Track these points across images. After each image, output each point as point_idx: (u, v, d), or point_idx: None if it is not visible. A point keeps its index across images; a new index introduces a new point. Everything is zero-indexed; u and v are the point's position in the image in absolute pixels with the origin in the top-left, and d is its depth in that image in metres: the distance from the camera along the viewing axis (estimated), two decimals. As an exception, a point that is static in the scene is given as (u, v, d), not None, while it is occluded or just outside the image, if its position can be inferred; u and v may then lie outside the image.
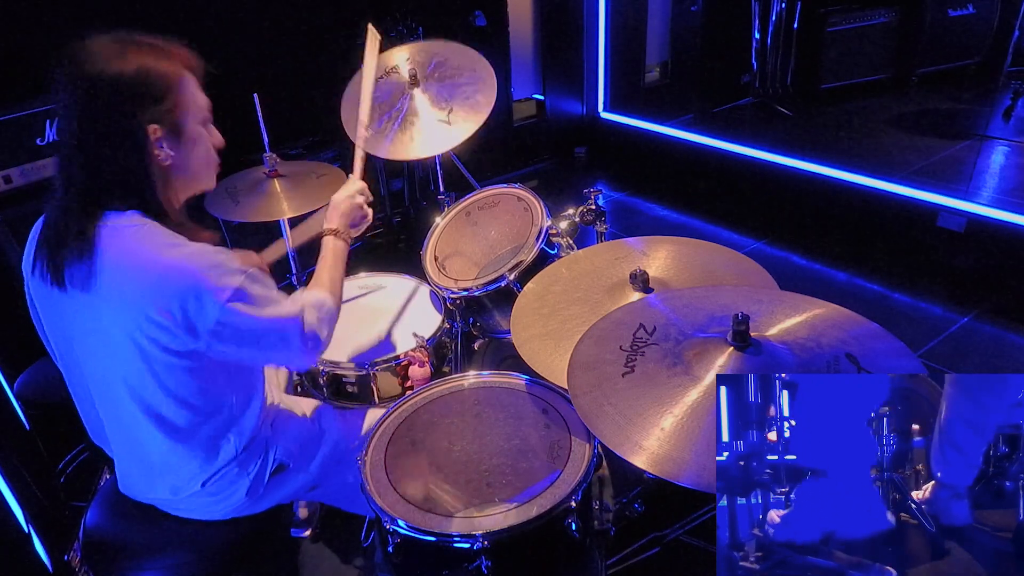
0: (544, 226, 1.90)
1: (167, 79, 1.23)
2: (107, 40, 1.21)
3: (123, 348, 1.24)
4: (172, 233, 1.26)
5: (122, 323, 1.22)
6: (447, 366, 2.06)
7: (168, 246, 1.23)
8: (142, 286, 1.20)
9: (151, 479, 1.44)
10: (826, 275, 3.50)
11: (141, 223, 1.24)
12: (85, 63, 1.18)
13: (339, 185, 2.28)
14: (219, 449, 1.42)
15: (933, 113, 4.85)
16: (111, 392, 1.33)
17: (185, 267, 1.21)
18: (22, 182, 2.43)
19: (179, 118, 1.26)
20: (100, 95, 1.18)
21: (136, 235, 1.23)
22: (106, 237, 1.23)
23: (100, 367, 1.32)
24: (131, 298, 1.20)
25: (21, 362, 2.07)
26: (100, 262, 1.22)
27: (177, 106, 1.25)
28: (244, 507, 1.48)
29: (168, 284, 1.20)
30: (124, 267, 1.22)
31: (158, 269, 1.21)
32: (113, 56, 1.18)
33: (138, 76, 1.19)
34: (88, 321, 1.27)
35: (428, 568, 1.36)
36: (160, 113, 1.23)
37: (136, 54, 1.20)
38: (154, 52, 1.23)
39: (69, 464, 2.38)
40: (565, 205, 2.06)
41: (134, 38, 1.23)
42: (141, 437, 1.36)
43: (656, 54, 5.15)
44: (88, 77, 1.18)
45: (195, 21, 3.22)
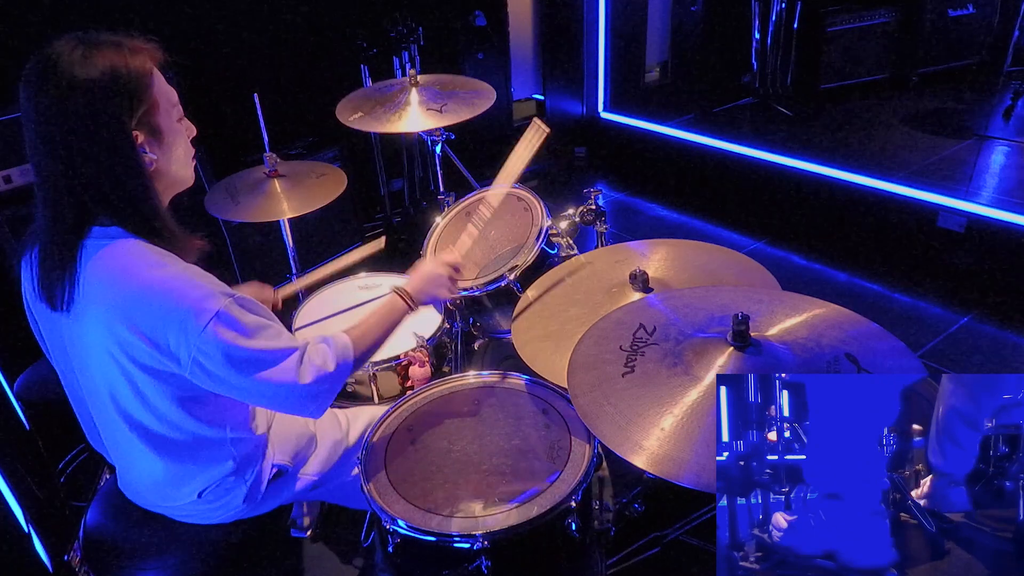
0: (544, 226, 1.90)
1: (139, 76, 1.15)
2: (68, 43, 1.12)
3: (105, 364, 1.21)
4: (159, 251, 1.20)
5: (102, 340, 1.18)
6: (447, 366, 2.06)
7: (151, 265, 1.17)
8: (121, 304, 1.15)
9: (146, 489, 1.43)
10: (826, 275, 3.50)
11: (125, 241, 1.19)
12: (52, 69, 1.10)
13: (338, 185, 2.28)
14: (213, 463, 1.38)
15: (933, 113, 4.84)
16: (101, 405, 1.31)
17: (165, 287, 1.16)
18: (22, 182, 2.43)
19: (157, 118, 1.19)
20: (73, 102, 1.10)
21: (120, 253, 1.18)
22: (91, 256, 1.18)
23: (90, 380, 1.30)
24: (110, 315, 1.16)
25: (21, 362, 2.07)
26: (83, 280, 1.18)
27: (153, 106, 1.18)
28: (243, 512, 1.48)
29: (146, 304, 1.15)
30: (106, 284, 1.17)
31: (138, 288, 1.16)
32: (80, 60, 1.10)
33: (109, 78, 1.11)
34: (76, 336, 1.24)
35: (428, 568, 1.36)
36: (140, 116, 1.16)
37: (103, 55, 1.12)
38: (120, 50, 1.14)
39: (69, 464, 2.38)
40: (565, 205, 2.06)
41: (96, 38, 1.14)
42: (131, 451, 1.34)
43: (656, 54, 5.14)
44: (56, 84, 1.09)
45: (195, 21, 3.22)
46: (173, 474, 1.36)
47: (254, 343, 1.20)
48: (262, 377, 1.21)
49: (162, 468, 1.34)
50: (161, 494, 1.42)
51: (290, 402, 1.27)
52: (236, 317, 1.18)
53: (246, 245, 3.23)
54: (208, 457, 1.37)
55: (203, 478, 1.38)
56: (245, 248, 3.23)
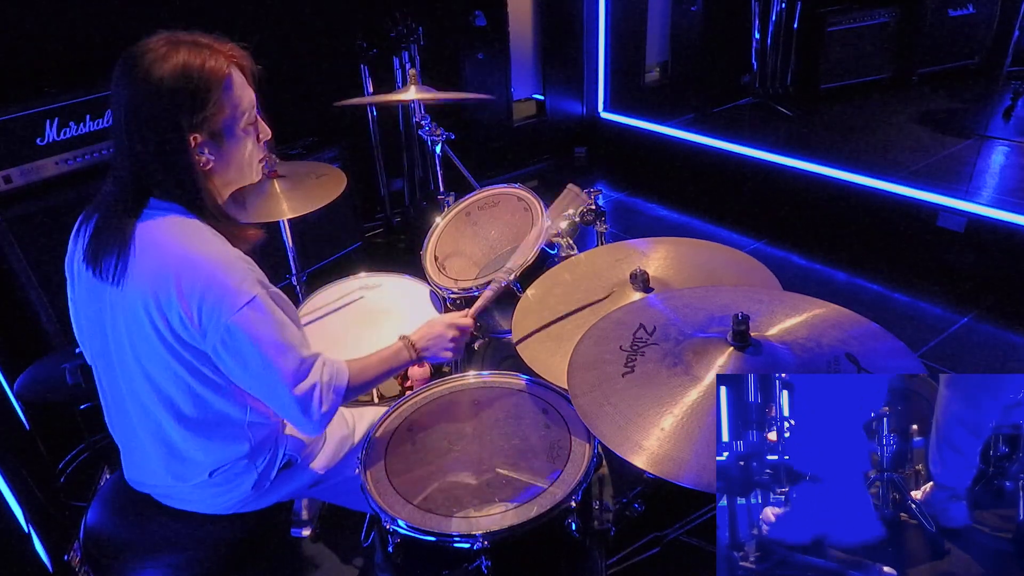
0: (544, 226, 1.90)
1: (209, 81, 1.23)
2: (157, 41, 1.22)
3: (142, 330, 1.26)
4: (210, 230, 1.28)
5: (143, 302, 1.23)
6: (447, 366, 2.06)
7: (204, 240, 1.25)
8: (169, 265, 1.22)
9: (158, 463, 1.42)
10: (826, 275, 3.50)
11: (182, 216, 1.27)
12: (133, 67, 1.20)
13: (338, 186, 2.28)
14: (232, 442, 1.41)
15: (933, 113, 4.85)
16: (129, 376, 1.34)
17: (211, 263, 1.23)
18: (22, 182, 2.43)
19: (221, 123, 1.27)
20: (141, 100, 1.20)
21: (174, 227, 1.26)
22: (148, 228, 1.25)
23: (123, 349, 1.33)
24: (157, 276, 1.22)
25: (21, 362, 2.07)
26: (134, 251, 1.25)
27: (219, 110, 1.26)
28: (248, 501, 1.48)
29: (192, 271, 1.22)
30: (158, 247, 1.24)
31: (187, 255, 1.23)
32: (158, 59, 1.20)
33: (178, 80, 1.20)
34: (119, 305, 1.29)
35: (428, 568, 1.36)
36: (201, 120, 1.24)
37: (180, 55, 1.21)
38: (198, 51, 1.23)
39: (69, 464, 2.38)
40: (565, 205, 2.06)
41: (181, 37, 1.24)
42: (150, 425, 1.37)
43: (656, 54, 5.15)
44: (131, 80, 1.20)
45: (195, 21, 3.21)
46: (189, 449, 1.38)
47: (278, 336, 1.26)
48: (274, 371, 1.26)
49: (180, 440, 1.37)
50: (173, 471, 1.42)
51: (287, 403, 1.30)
52: (268, 309, 1.25)
53: (246, 245, 3.23)
54: (226, 435, 1.40)
55: (217, 456, 1.41)
56: (245, 248, 3.23)
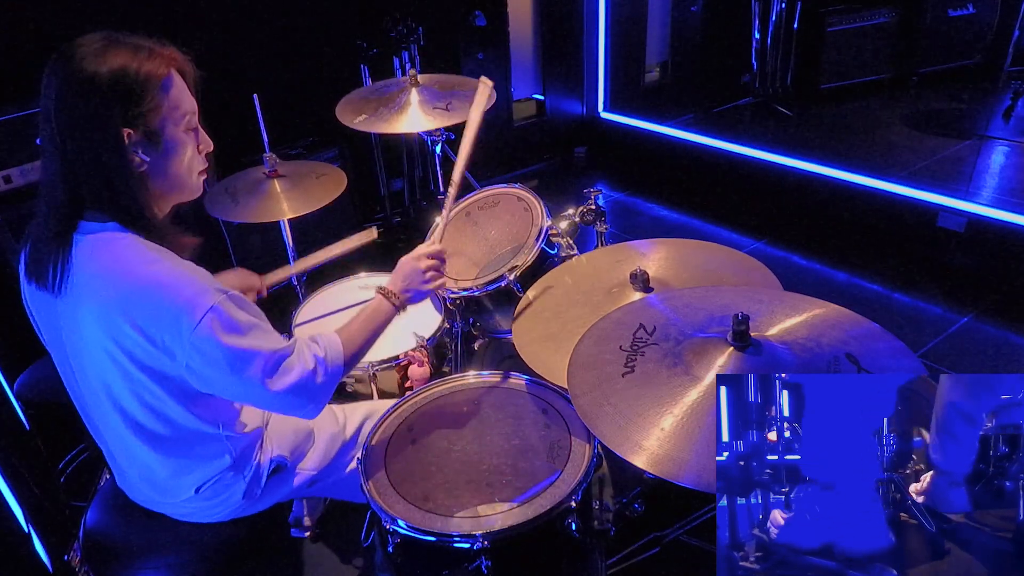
0: (544, 226, 1.90)
1: (146, 81, 1.17)
2: (93, 39, 1.17)
3: (100, 359, 1.22)
4: (153, 246, 1.21)
5: (97, 335, 1.19)
6: (447, 366, 2.06)
7: (147, 261, 1.19)
8: (117, 298, 1.16)
9: (141, 485, 1.43)
10: (826, 275, 3.50)
11: (120, 236, 1.20)
12: (66, 63, 1.14)
13: (338, 186, 2.27)
14: (211, 458, 1.38)
15: (933, 113, 4.85)
16: (96, 397, 1.31)
17: (160, 283, 1.16)
18: (22, 182, 2.43)
19: (157, 123, 1.20)
20: (73, 95, 1.14)
21: (115, 247, 1.19)
22: (85, 247, 1.20)
23: (85, 372, 1.30)
24: (106, 309, 1.17)
25: (21, 362, 2.07)
26: (78, 270, 1.19)
27: (155, 110, 1.19)
28: (242, 508, 1.47)
29: (142, 299, 1.16)
30: (101, 277, 1.18)
31: (134, 283, 1.17)
32: (92, 55, 1.14)
33: (114, 76, 1.14)
34: (71, 326, 1.25)
35: (428, 568, 1.36)
36: (135, 116, 1.17)
37: (117, 54, 1.15)
38: (136, 52, 1.17)
39: (69, 464, 2.38)
40: (565, 205, 2.06)
41: (119, 38, 1.18)
42: (127, 447, 1.34)
43: (656, 54, 5.14)
44: (65, 76, 1.14)
45: (196, 21, 3.22)
46: (169, 469, 1.36)
47: (247, 341, 1.20)
48: (252, 375, 1.21)
49: (158, 463, 1.34)
50: (159, 490, 1.41)
51: (276, 402, 1.27)
52: (230, 314, 1.19)
53: (246, 245, 3.23)
54: (204, 452, 1.37)
55: (200, 473, 1.38)
56: (245, 248, 3.23)
